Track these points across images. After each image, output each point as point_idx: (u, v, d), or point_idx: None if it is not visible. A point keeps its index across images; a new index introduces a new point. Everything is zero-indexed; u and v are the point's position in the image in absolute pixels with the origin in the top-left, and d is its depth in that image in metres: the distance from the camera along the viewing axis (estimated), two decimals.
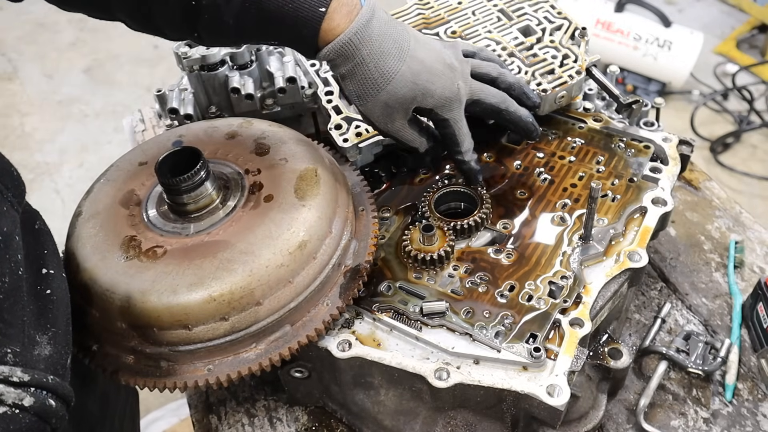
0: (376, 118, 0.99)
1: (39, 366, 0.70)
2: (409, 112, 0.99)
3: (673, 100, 3.71)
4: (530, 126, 1.10)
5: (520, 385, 0.87)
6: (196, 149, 0.91)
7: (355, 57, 0.92)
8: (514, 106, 1.08)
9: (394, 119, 0.99)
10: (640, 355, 1.15)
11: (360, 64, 0.93)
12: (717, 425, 1.07)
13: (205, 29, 0.93)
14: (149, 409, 2.33)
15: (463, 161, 1.07)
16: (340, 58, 0.93)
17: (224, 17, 0.90)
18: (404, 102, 0.97)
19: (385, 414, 1.01)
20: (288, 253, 0.88)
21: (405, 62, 0.95)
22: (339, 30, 0.90)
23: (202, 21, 0.91)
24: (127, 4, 0.93)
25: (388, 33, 0.94)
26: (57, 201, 3.37)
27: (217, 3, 0.89)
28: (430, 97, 0.97)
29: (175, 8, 0.90)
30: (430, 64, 0.97)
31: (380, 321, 0.95)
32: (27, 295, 0.73)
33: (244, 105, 1.29)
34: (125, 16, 0.96)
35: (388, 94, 0.96)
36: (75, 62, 4.19)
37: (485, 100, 1.05)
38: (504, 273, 1.00)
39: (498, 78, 1.08)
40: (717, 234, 1.35)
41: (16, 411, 0.63)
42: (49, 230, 0.87)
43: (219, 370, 0.88)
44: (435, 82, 0.97)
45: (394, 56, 0.94)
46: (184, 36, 0.99)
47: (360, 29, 0.91)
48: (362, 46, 0.92)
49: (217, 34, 0.95)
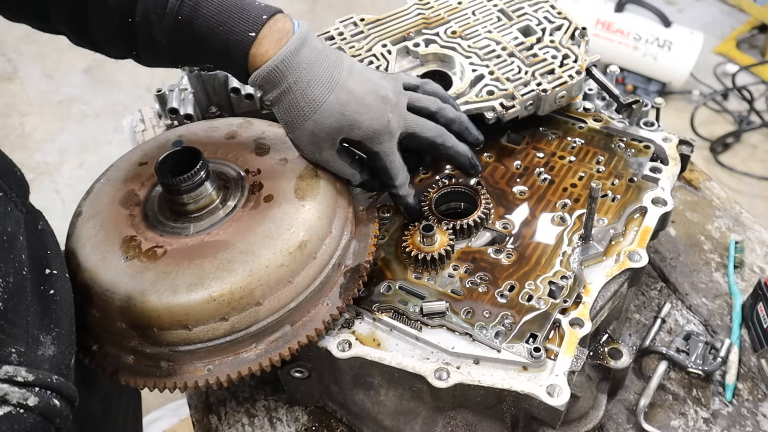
0: (303, 147, 0.98)
1: (43, 366, 0.70)
2: (337, 142, 0.97)
3: (673, 100, 3.71)
4: (467, 162, 1.07)
5: (520, 385, 0.87)
6: (196, 149, 0.91)
7: (282, 84, 0.91)
8: (452, 140, 1.05)
9: (321, 149, 0.97)
10: (640, 355, 1.15)
11: (287, 92, 0.92)
12: (717, 425, 1.07)
13: (141, 48, 0.93)
14: (149, 409, 2.33)
15: (398, 195, 1.04)
16: (268, 84, 0.92)
17: (157, 36, 0.90)
18: (330, 132, 0.95)
19: (385, 414, 1.01)
20: (288, 253, 0.88)
21: (333, 92, 0.93)
22: (267, 56, 0.90)
23: (137, 39, 0.92)
24: (65, 18, 0.93)
25: (318, 61, 0.93)
26: (57, 201, 3.37)
27: (150, 20, 0.89)
28: (357, 129, 0.95)
29: (112, 24, 0.91)
30: (360, 95, 0.95)
31: (380, 321, 0.95)
32: (31, 295, 0.73)
33: (244, 105, 1.29)
34: (65, 29, 0.96)
35: (315, 124, 0.94)
36: (75, 62, 4.19)
37: (420, 133, 1.02)
38: (504, 273, 1.00)
39: (437, 113, 1.05)
40: (717, 234, 1.35)
41: (21, 411, 0.63)
42: (52, 230, 0.88)
43: (219, 370, 0.88)
44: (363, 114, 0.95)
45: (323, 85, 0.92)
46: (123, 54, 0.98)
47: (288, 56, 0.90)
48: (289, 73, 0.90)
49: (153, 53, 0.94)
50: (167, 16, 0.88)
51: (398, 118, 0.99)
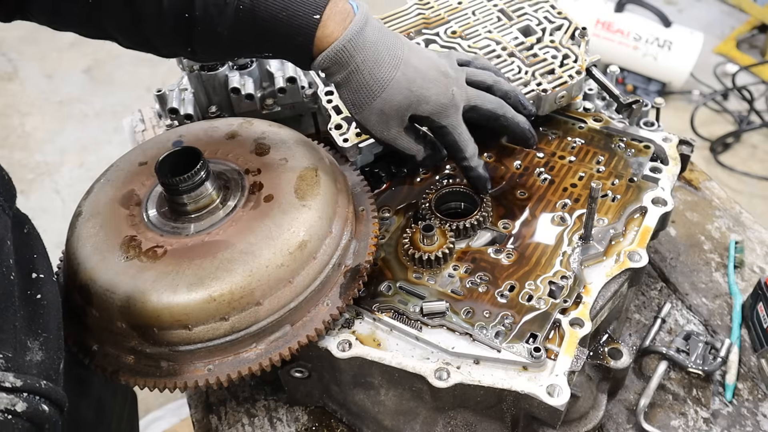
0: (372, 126, 0.99)
1: (31, 371, 0.70)
2: (405, 119, 0.99)
3: (673, 100, 3.71)
4: (527, 133, 1.10)
5: (520, 385, 0.87)
6: (196, 149, 0.91)
7: (350, 64, 0.92)
8: (512, 112, 1.08)
9: (390, 127, 0.99)
10: (640, 355, 1.15)
11: (355, 72, 0.93)
12: (717, 425, 1.07)
13: (199, 42, 0.92)
14: (149, 409, 2.33)
15: (470, 167, 1.06)
16: (335, 65, 0.92)
17: (218, 28, 0.89)
18: (399, 109, 0.96)
19: (385, 414, 1.01)
20: (288, 253, 0.88)
21: (399, 69, 0.94)
22: (333, 37, 0.90)
23: (195, 34, 0.91)
24: (119, 20, 0.92)
25: (381, 40, 0.94)
26: (57, 201, 3.37)
27: (210, 14, 0.88)
28: (425, 104, 0.97)
29: (168, 21, 0.90)
30: (424, 71, 0.97)
31: (380, 321, 0.95)
32: (18, 300, 0.73)
33: (244, 105, 1.29)
34: (118, 33, 0.95)
35: (384, 102, 0.95)
36: (75, 62, 4.19)
37: (482, 106, 1.04)
38: (504, 273, 1.00)
39: (494, 86, 1.08)
40: (717, 234, 1.35)
41: (9, 417, 0.63)
42: (39, 234, 0.87)
43: (219, 370, 0.88)
44: (430, 89, 0.97)
45: (388, 63, 0.94)
46: (177, 50, 0.98)
47: (354, 36, 0.91)
48: (356, 53, 0.91)
49: (212, 47, 0.94)
50: (228, 6, 0.88)
51: (461, 92, 1.01)
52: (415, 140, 1.03)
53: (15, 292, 0.72)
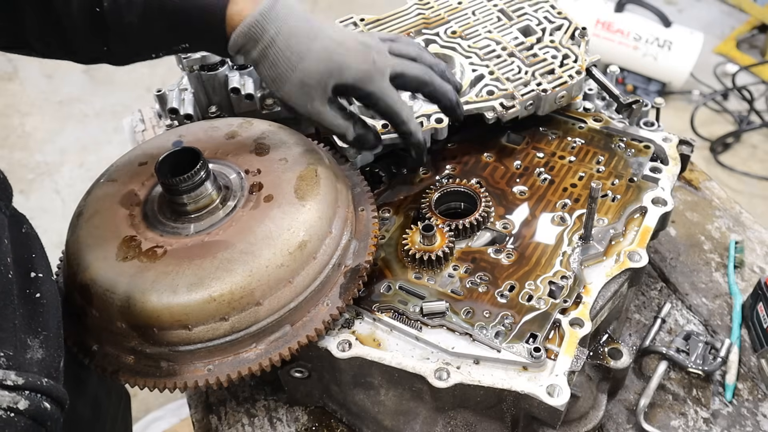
0: (295, 101, 0.97)
1: (32, 369, 0.70)
2: (328, 90, 0.97)
3: (673, 100, 3.71)
4: (455, 101, 1.08)
5: (520, 385, 0.87)
6: (196, 149, 0.91)
7: (264, 37, 0.91)
8: (440, 81, 1.06)
9: (313, 98, 0.96)
10: (640, 355, 1.15)
11: (270, 45, 0.92)
12: (717, 425, 1.07)
13: (113, 39, 0.92)
14: (149, 409, 2.33)
15: (408, 132, 1.04)
16: (250, 42, 0.92)
17: (128, 18, 0.89)
18: (321, 79, 0.95)
19: (385, 414, 1.01)
20: (288, 253, 0.88)
21: (317, 40, 0.94)
22: (245, 13, 0.90)
23: (110, 30, 0.90)
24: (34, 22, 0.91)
25: (294, 14, 0.94)
26: (57, 201, 3.37)
27: (118, 4, 0.88)
28: (347, 70, 0.95)
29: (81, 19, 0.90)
30: (342, 40, 0.96)
31: (380, 321, 0.95)
32: (17, 298, 0.73)
33: (244, 105, 1.29)
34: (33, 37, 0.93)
35: (303, 72, 0.94)
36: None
37: (409, 72, 1.02)
38: (504, 273, 1.00)
39: (418, 58, 1.06)
40: (717, 234, 1.35)
41: (11, 414, 0.63)
42: (36, 234, 0.87)
43: (219, 370, 0.88)
44: (350, 56, 0.95)
45: (305, 34, 0.93)
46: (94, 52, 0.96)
47: (266, 10, 0.90)
48: (269, 25, 0.91)
49: (126, 41, 0.93)
50: None
51: (383, 59, 1.00)
52: (342, 117, 1.01)
53: (13, 290, 0.73)
